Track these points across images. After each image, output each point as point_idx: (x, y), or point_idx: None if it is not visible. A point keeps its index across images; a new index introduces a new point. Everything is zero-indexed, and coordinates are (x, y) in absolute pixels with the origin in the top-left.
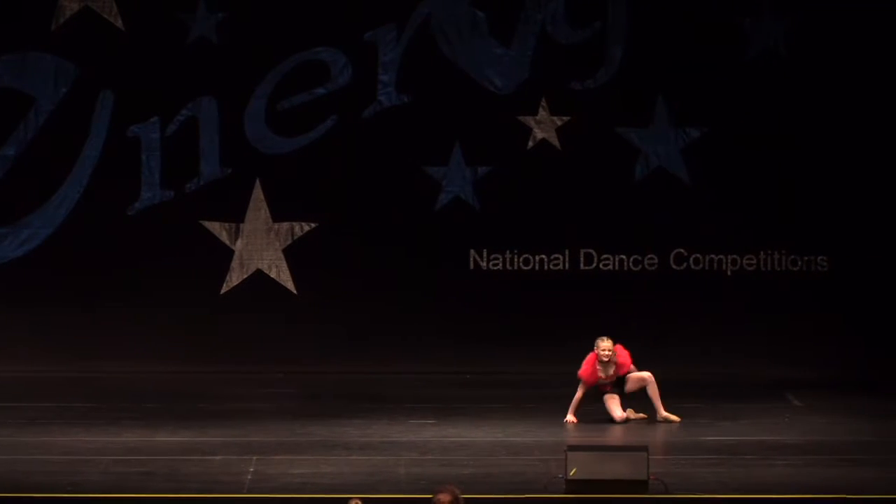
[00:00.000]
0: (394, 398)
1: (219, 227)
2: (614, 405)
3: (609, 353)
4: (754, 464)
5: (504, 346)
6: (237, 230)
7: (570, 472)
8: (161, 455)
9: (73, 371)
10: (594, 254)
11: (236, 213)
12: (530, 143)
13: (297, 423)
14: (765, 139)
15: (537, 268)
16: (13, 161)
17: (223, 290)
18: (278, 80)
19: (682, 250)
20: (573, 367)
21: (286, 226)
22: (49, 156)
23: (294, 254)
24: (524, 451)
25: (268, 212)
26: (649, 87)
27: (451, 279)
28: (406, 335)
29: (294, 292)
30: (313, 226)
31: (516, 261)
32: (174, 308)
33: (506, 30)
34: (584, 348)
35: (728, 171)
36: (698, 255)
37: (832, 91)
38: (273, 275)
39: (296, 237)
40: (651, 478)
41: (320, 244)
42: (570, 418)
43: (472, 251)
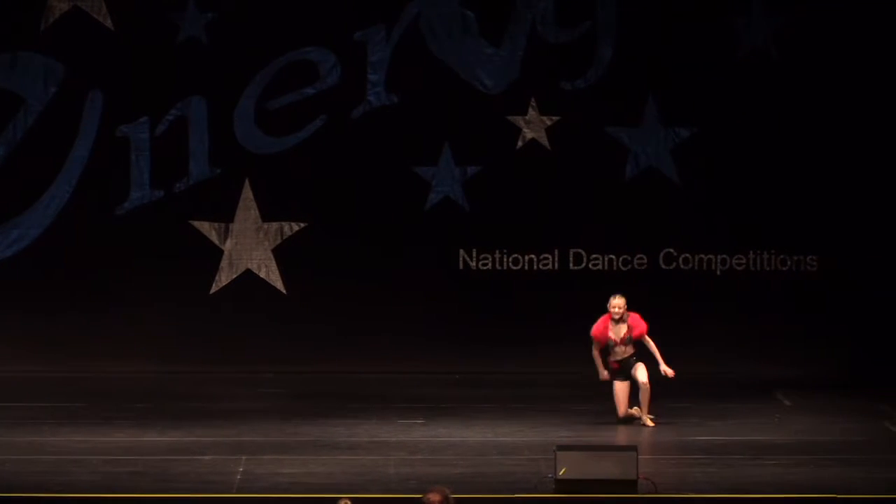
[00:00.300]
0: (383, 398)
1: (208, 227)
2: (622, 400)
3: (620, 310)
4: (743, 463)
5: (493, 346)
6: (226, 230)
7: (560, 472)
8: (151, 455)
9: (62, 371)
10: (583, 254)
11: (226, 213)
12: (520, 142)
13: (286, 423)
14: (755, 139)
15: (527, 268)
16: (2, 161)
17: (213, 290)
18: (268, 80)
19: (672, 250)
20: (563, 367)
21: (275, 226)
22: (38, 156)
23: (283, 254)
24: (514, 450)
25: (257, 212)
26: (639, 87)
27: (441, 279)
28: (395, 335)
29: (283, 292)
30: (303, 226)
31: (506, 261)
32: (164, 308)
33: (495, 29)
34: (575, 348)
35: (718, 170)
36: (688, 255)
37: (822, 91)
38: (262, 275)
39: (285, 237)
40: (640, 477)
41: (310, 244)
42: (604, 374)
43: (462, 251)
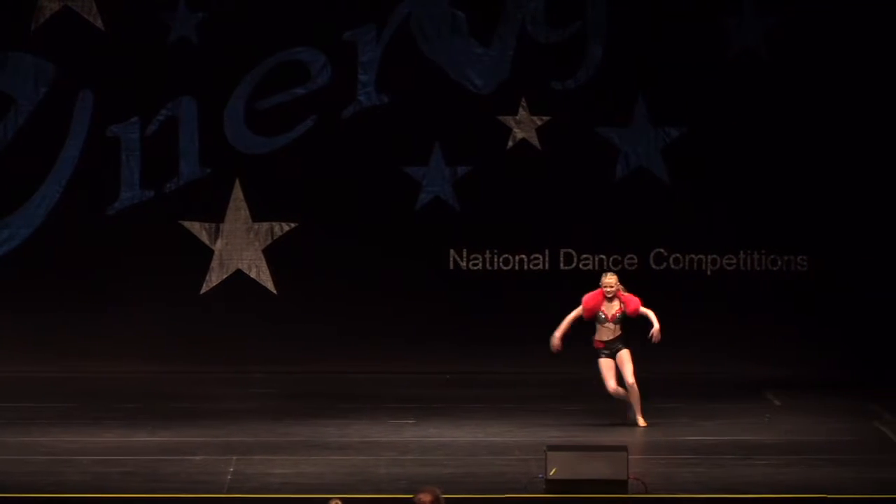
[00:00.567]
0: (374, 398)
1: (198, 227)
2: (609, 373)
3: (612, 287)
4: (734, 463)
5: (484, 346)
6: (217, 230)
7: (551, 472)
8: (141, 455)
9: (53, 371)
10: (574, 254)
11: (216, 213)
12: (510, 142)
13: (277, 423)
14: (745, 139)
15: (517, 268)
16: None
17: (203, 290)
18: (258, 81)
19: (662, 250)
20: (553, 368)
21: (266, 226)
22: (29, 156)
23: (274, 254)
24: (504, 450)
25: (247, 212)
26: (629, 87)
27: (432, 279)
28: (386, 335)
29: (274, 292)
30: (293, 226)
31: (496, 261)
32: (154, 308)
33: (486, 29)
34: (567, 348)
35: (708, 170)
36: (678, 255)
37: (813, 91)
38: (253, 275)
39: (275, 237)
40: (631, 478)
41: (300, 244)
42: (557, 342)
43: (452, 251)
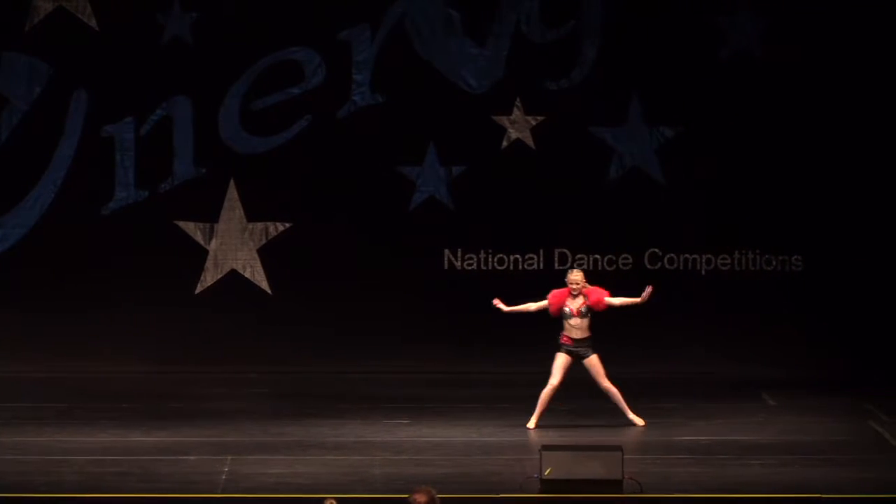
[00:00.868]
0: (368, 398)
1: (193, 227)
2: (559, 370)
3: (578, 285)
4: (729, 463)
5: (479, 346)
6: (211, 230)
7: (545, 472)
8: (136, 455)
9: (47, 371)
10: (568, 253)
11: (210, 213)
12: (505, 142)
13: (271, 423)
14: (739, 139)
15: (512, 267)
16: None
17: (198, 290)
18: (252, 80)
19: (657, 250)
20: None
21: (260, 226)
22: (23, 156)
23: (268, 254)
24: (499, 450)
25: (242, 211)
26: (624, 87)
27: (426, 279)
28: (380, 335)
29: (268, 292)
30: (287, 226)
31: (491, 260)
32: (148, 308)
33: (480, 29)
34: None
35: (702, 170)
36: (673, 255)
37: (807, 91)
38: (247, 275)
39: (270, 237)
40: (626, 477)
41: (295, 244)
42: (503, 306)
43: (447, 251)
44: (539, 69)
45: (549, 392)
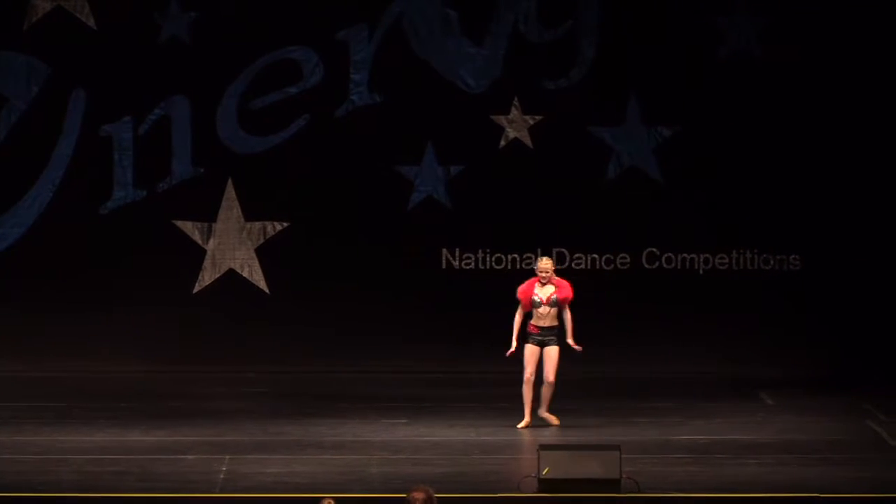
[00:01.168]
0: (366, 397)
1: (191, 227)
2: (531, 362)
3: (547, 273)
4: (727, 462)
5: (476, 346)
6: (209, 229)
7: (543, 471)
8: (134, 454)
9: (45, 371)
10: (566, 253)
11: (208, 213)
12: (503, 142)
13: (269, 423)
14: (738, 139)
15: (510, 267)
16: None
17: (196, 290)
18: (250, 80)
19: (655, 249)
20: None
21: (258, 225)
22: (21, 155)
23: (266, 253)
24: (497, 450)
25: (240, 211)
26: (622, 86)
27: (424, 278)
28: (378, 334)
29: (266, 292)
30: (286, 225)
31: (489, 260)
32: (147, 307)
33: (478, 29)
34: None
35: (700, 170)
36: (671, 254)
37: (805, 91)
38: (245, 274)
39: (268, 236)
40: (623, 476)
41: (293, 244)
42: (512, 348)
43: (445, 250)
44: (537, 69)
45: (529, 387)
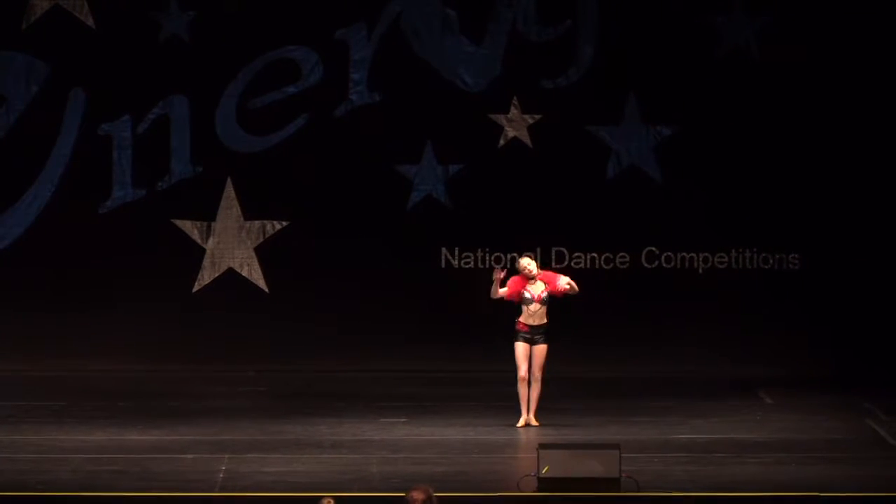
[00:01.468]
0: (365, 396)
1: (190, 226)
2: (524, 359)
3: (531, 271)
4: (726, 461)
5: (475, 345)
6: (209, 229)
7: (543, 470)
8: (132, 454)
9: (44, 370)
10: (566, 252)
11: (208, 212)
12: (502, 141)
13: (268, 422)
14: (736, 137)
15: (509, 266)
16: None
17: (195, 289)
18: (249, 79)
19: (654, 248)
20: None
21: (258, 224)
22: (20, 154)
23: (266, 252)
24: (496, 449)
25: (239, 210)
26: (621, 86)
27: (423, 277)
28: (377, 333)
29: (266, 291)
30: (285, 224)
31: (488, 259)
32: (146, 307)
33: (477, 28)
34: (558, 346)
35: (699, 169)
36: (670, 254)
37: (804, 90)
38: (245, 273)
39: (267, 235)
40: (623, 475)
41: (292, 243)
42: (496, 289)
43: (444, 249)
44: (536, 68)
45: (524, 385)
